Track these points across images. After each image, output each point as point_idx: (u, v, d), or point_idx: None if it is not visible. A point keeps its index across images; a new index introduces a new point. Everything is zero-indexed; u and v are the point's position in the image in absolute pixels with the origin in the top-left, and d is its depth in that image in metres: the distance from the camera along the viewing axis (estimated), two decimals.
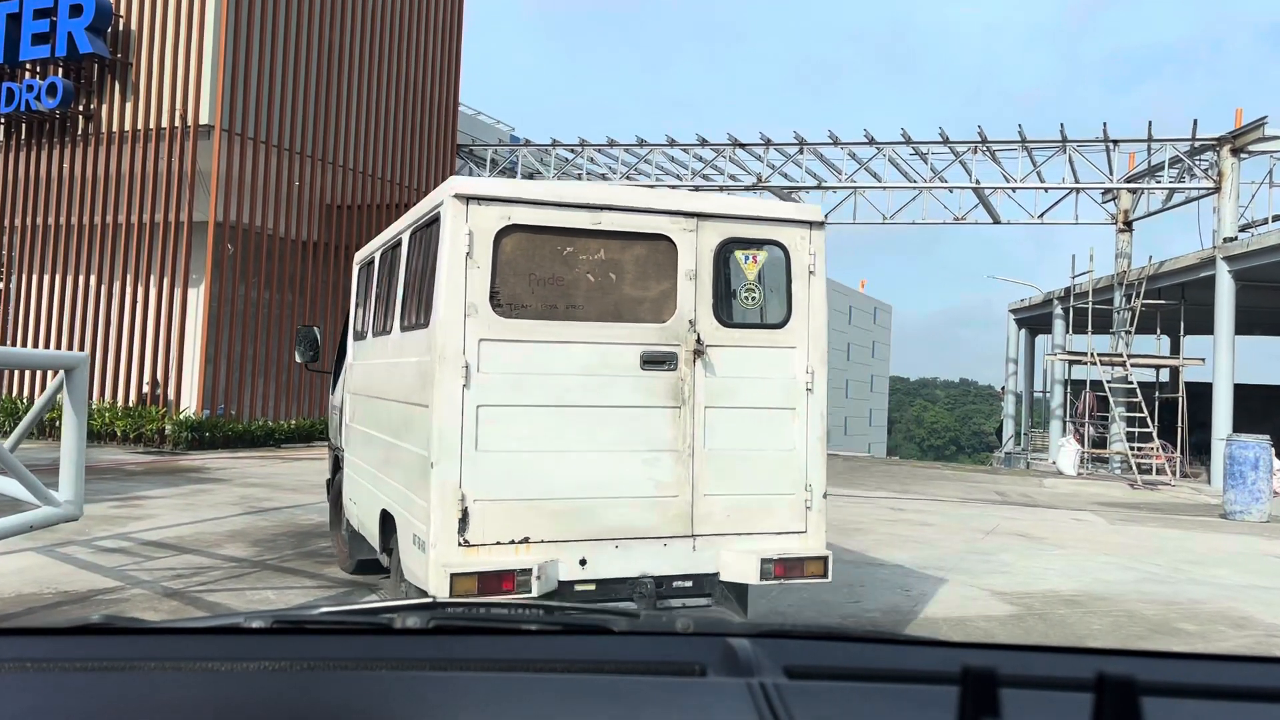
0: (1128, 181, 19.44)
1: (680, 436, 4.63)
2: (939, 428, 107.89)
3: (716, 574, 4.67)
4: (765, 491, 4.77)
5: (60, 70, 16.86)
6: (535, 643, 1.30)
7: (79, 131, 17.00)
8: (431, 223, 4.65)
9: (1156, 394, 20.08)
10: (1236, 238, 17.07)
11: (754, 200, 5.41)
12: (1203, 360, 18.98)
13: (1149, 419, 18.29)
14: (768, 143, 20.50)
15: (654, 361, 4.62)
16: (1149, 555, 9.16)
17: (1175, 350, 25.28)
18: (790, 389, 4.82)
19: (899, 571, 8.01)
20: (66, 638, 1.28)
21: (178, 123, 16.19)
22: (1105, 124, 18.06)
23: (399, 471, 5.04)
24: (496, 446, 4.34)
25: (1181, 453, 19.26)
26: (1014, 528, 10.70)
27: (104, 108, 16.81)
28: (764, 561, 4.58)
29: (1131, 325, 19.19)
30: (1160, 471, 18.41)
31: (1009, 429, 28.16)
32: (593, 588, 4.45)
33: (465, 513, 4.28)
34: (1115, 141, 18.43)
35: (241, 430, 16.29)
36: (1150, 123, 17.76)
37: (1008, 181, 19.81)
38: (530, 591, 4.21)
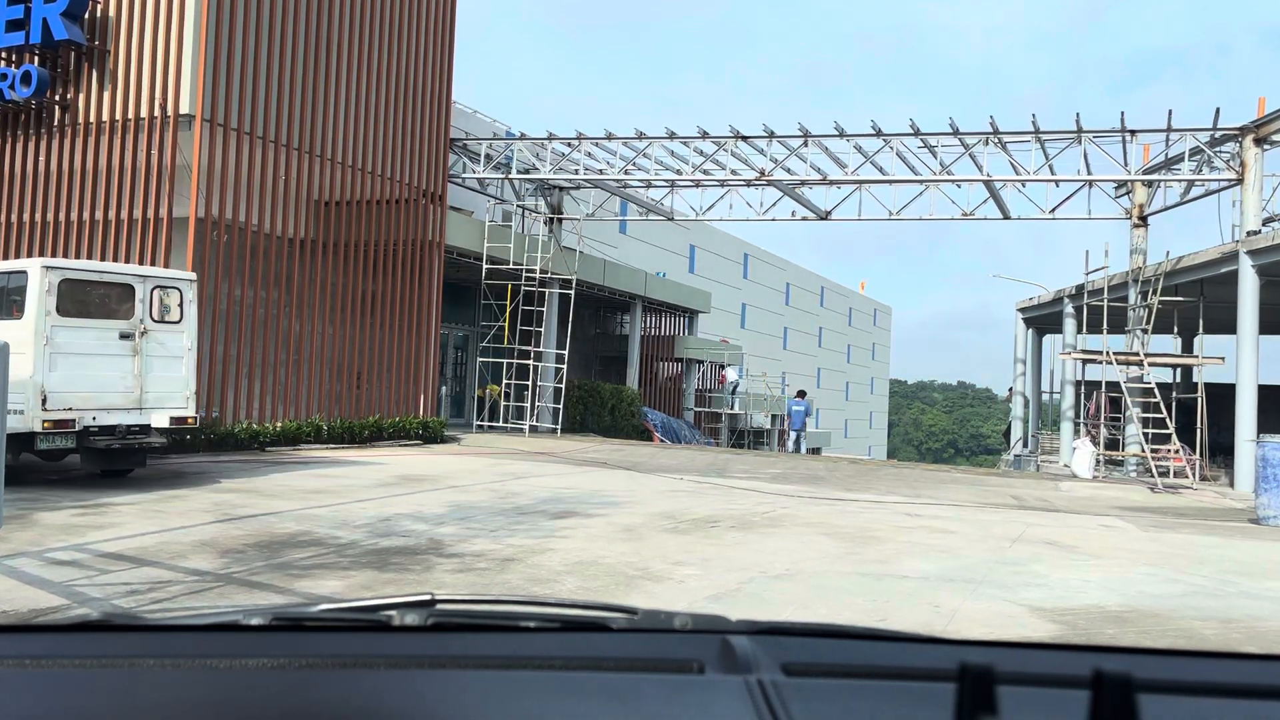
0: (1145, 174, 18.77)
1: (135, 366, 11.22)
2: (937, 430, 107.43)
3: (150, 424, 11.29)
4: (170, 391, 11.52)
5: (35, 58, 16.17)
6: (533, 640, 1.30)
7: (55, 122, 16.31)
8: (19, 273, 10.71)
9: (1174, 394, 19.43)
10: (1260, 231, 16.43)
11: (168, 270, 12.58)
12: (1223, 359, 18.34)
13: (1168, 420, 17.63)
14: (771, 135, 19.84)
15: (125, 336, 11.13)
16: (1191, 565, 8.49)
17: (1187, 350, 24.66)
18: (180, 349, 11.63)
19: (925, 584, 7.35)
20: (65, 635, 1.30)
21: (157, 112, 15.51)
22: (1123, 113, 17.43)
23: None
24: (58, 370, 10.49)
25: (1201, 455, 18.59)
26: (1040, 535, 10.04)
27: (81, 97, 16.12)
28: (170, 419, 11.43)
29: (1148, 323, 18.52)
30: (1179, 474, 17.76)
31: (1017, 431, 27.49)
32: (97, 430, 10.75)
33: (45, 398, 10.33)
34: (1133, 131, 17.75)
35: (224, 433, 15.60)
36: (1171, 111, 17.08)
37: (1018, 174, 19.15)
38: (74, 428, 10.50)
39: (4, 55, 16.36)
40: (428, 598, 1.43)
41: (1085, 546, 9.34)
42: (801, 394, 29.13)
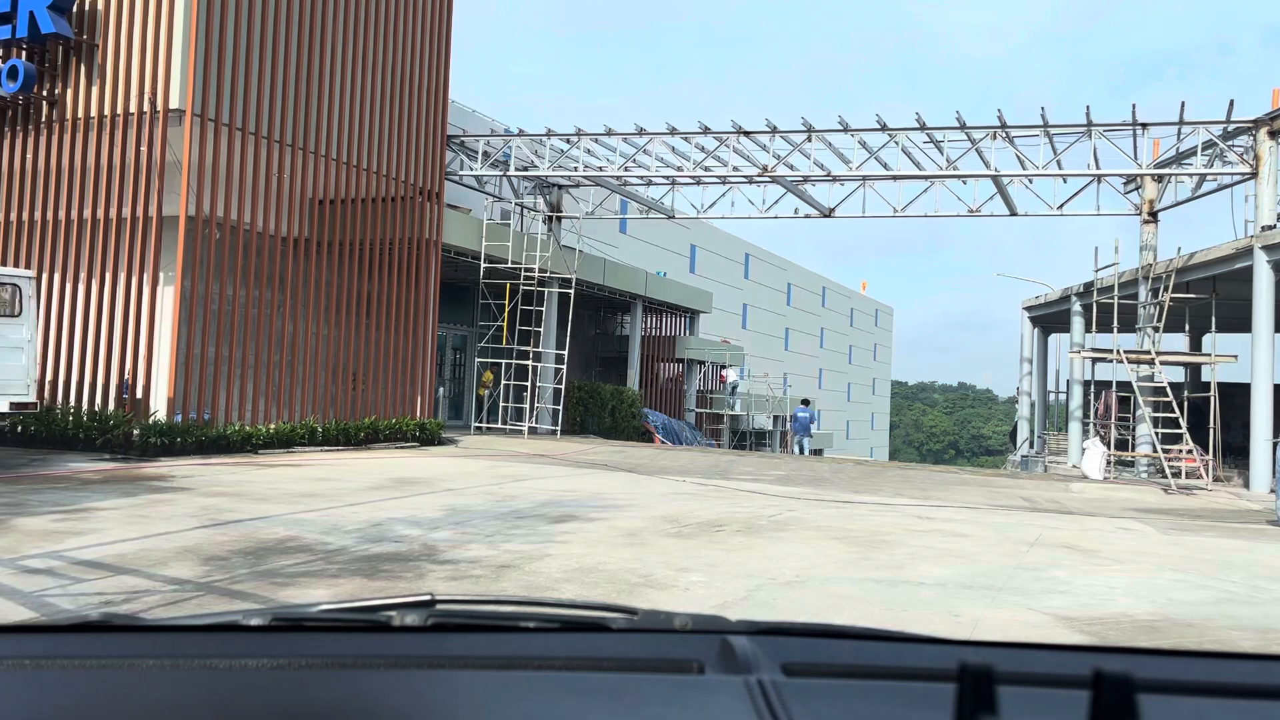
0: (1156, 168, 18.40)
1: None
2: (938, 432, 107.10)
3: None
4: (11, 379, 12.48)
5: (22, 53, 15.82)
6: (533, 640, 1.30)
7: (42, 118, 15.95)
8: None
9: (1186, 394, 19.06)
10: (1275, 225, 16.06)
11: (5, 269, 13.53)
12: (1235, 357, 17.98)
13: (1180, 420, 17.26)
14: (774, 130, 19.48)
15: None
16: (1218, 570, 8.14)
17: (1195, 348, 24.30)
18: (20, 340, 12.55)
19: (942, 591, 7.00)
20: (65, 635, 1.31)
21: (146, 107, 15.15)
22: (1134, 105, 17.06)
23: None
24: None
25: (1213, 455, 18.21)
26: (1057, 538, 9.68)
27: (69, 92, 15.76)
28: (11, 404, 12.57)
29: (1159, 321, 18.15)
30: (1191, 475, 17.40)
31: (1024, 431, 27.12)
32: None
33: None
34: (1144, 125, 17.38)
35: (216, 435, 15.25)
36: (1183, 104, 16.73)
37: (1025, 169, 18.78)
38: None
39: None
40: (427, 598, 1.41)
41: (1106, 550, 8.98)
42: (805, 402, 29.09)
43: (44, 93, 15.84)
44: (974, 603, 6.62)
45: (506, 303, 22.70)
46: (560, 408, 23.60)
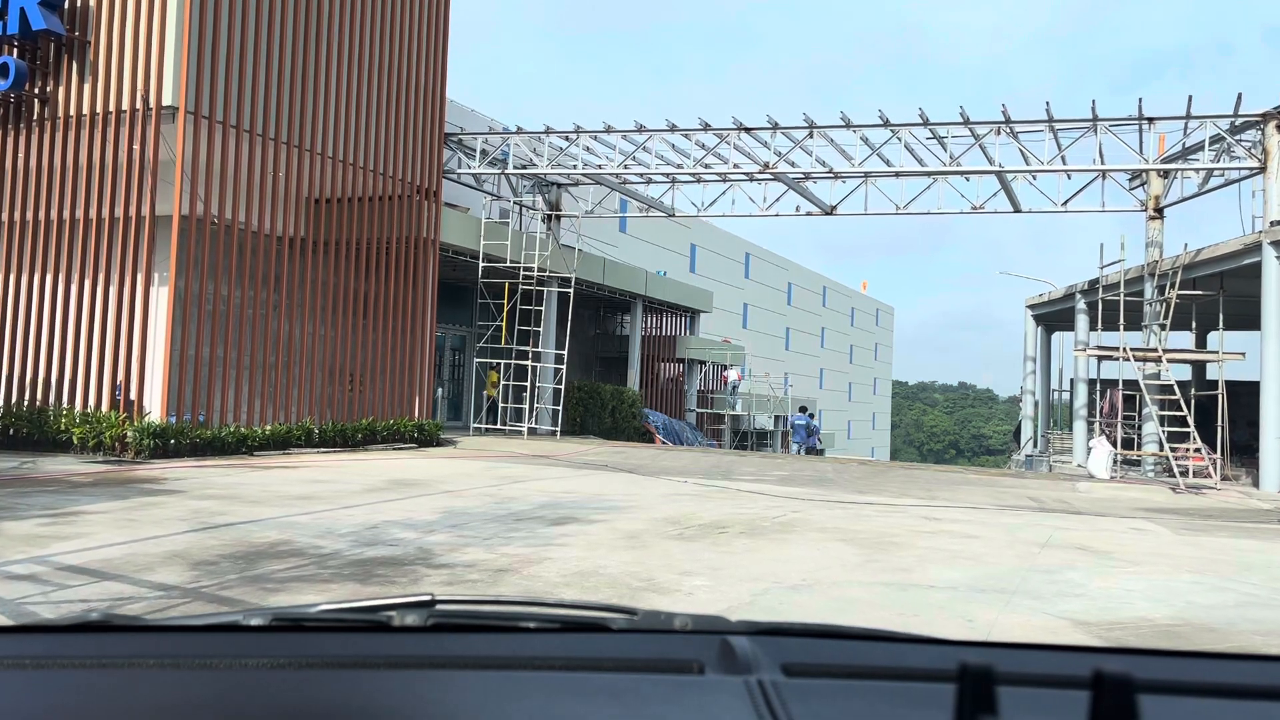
0: (1163, 163, 18.18)
1: None
2: (938, 431, 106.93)
3: None
4: None
5: (13, 49, 15.60)
6: (533, 640, 1.31)
7: (34, 116, 15.73)
8: None
9: (1193, 392, 18.85)
10: None
11: None
12: (1243, 355, 17.76)
13: (1188, 418, 17.03)
14: (775, 126, 19.26)
15: None
16: (1237, 572, 7.92)
17: (1200, 346, 24.08)
18: None
19: (954, 595, 6.78)
20: (65, 635, 1.30)
21: (139, 105, 14.93)
22: (1140, 100, 16.85)
23: None
24: None
25: (1222, 454, 17.99)
26: (1069, 539, 9.47)
27: (60, 90, 15.54)
28: None
29: (1166, 319, 17.93)
30: (1199, 474, 17.19)
31: (1028, 430, 26.90)
32: None
33: None
34: (1150, 119, 17.17)
35: (211, 437, 15.04)
36: (1190, 97, 16.51)
37: (1029, 165, 18.57)
38: None
39: None
40: (428, 598, 1.40)
41: (1120, 552, 8.77)
42: (803, 409, 28.79)
43: (35, 90, 15.63)
44: (987, 606, 6.41)
45: (505, 302, 22.50)
46: (560, 408, 23.39)
